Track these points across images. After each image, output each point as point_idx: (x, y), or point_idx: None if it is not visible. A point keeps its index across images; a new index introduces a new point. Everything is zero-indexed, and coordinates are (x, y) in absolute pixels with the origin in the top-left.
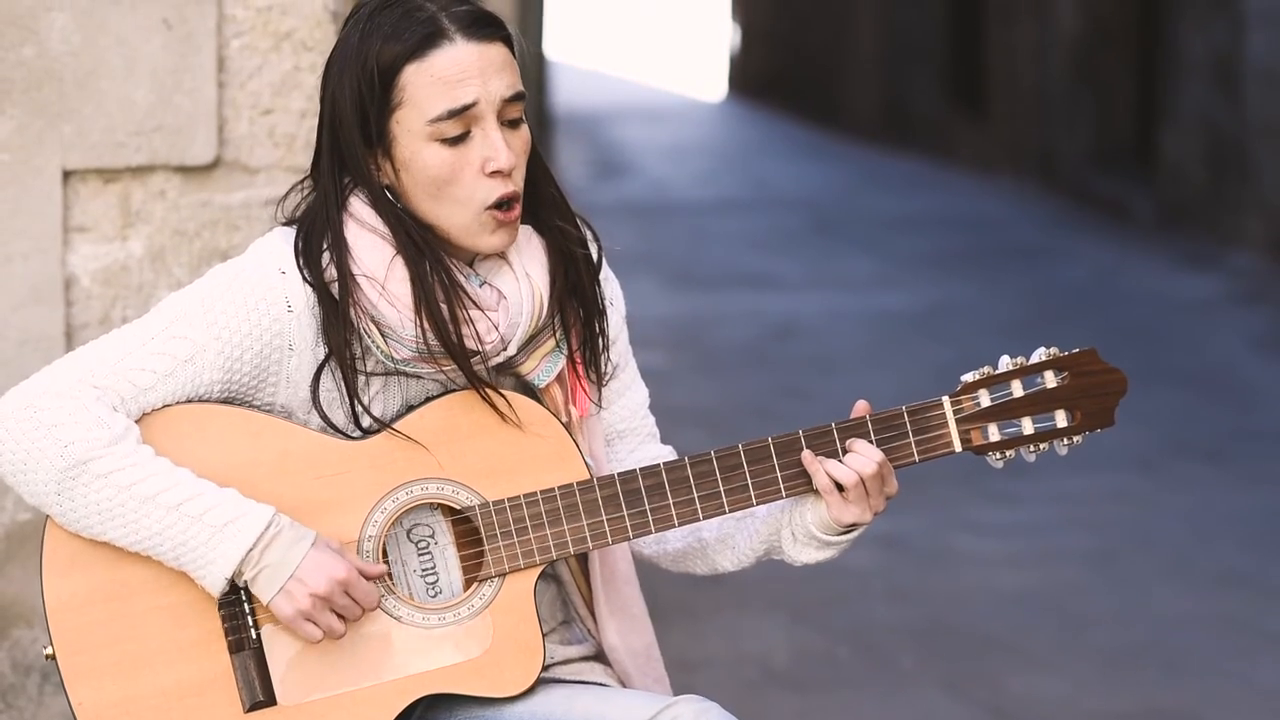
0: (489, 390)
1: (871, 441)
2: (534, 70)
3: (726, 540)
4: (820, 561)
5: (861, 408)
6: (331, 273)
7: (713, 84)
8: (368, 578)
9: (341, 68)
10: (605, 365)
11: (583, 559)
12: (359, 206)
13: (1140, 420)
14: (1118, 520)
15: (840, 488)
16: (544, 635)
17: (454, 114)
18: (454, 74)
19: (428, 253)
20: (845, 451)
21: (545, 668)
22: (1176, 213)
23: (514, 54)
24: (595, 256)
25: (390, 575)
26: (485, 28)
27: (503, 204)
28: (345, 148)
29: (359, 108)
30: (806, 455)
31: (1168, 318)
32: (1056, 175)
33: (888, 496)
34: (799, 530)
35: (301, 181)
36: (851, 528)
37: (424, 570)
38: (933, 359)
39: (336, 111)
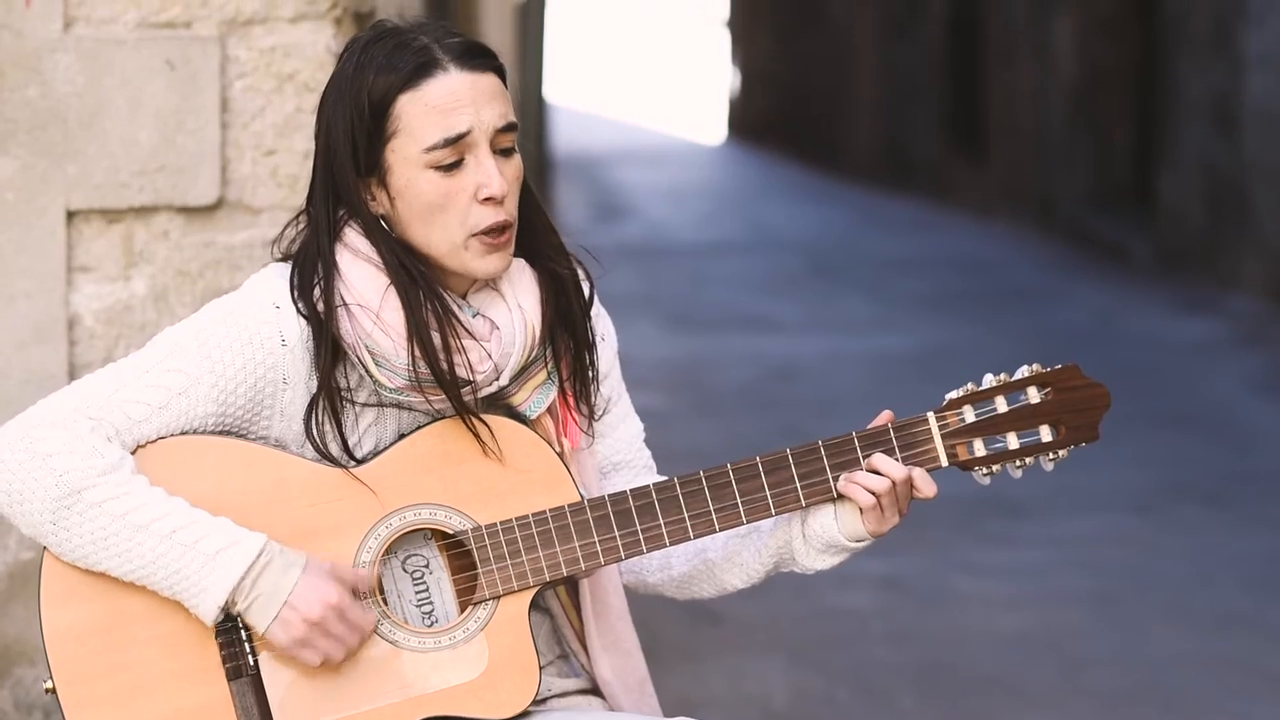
0: (475, 421)
1: (860, 458)
2: (534, 113)
3: (733, 558)
4: (833, 566)
5: (885, 417)
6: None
7: (712, 127)
8: (359, 591)
9: (336, 100)
10: (595, 397)
11: (574, 594)
12: (353, 237)
13: (1139, 462)
14: (1117, 562)
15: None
16: (541, 668)
17: (449, 142)
18: (448, 103)
19: (421, 282)
20: (848, 470)
21: (542, 701)
22: (1175, 255)
23: (505, 85)
24: (587, 291)
25: (386, 603)
26: (478, 58)
27: (494, 230)
28: (339, 178)
29: (353, 138)
30: (843, 479)
31: (1167, 360)
32: (1055, 218)
33: (900, 512)
34: (814, 538)
35: (297, 216)
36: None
37: (419, 600)
38: (933, 401)
39: (331, 143)
